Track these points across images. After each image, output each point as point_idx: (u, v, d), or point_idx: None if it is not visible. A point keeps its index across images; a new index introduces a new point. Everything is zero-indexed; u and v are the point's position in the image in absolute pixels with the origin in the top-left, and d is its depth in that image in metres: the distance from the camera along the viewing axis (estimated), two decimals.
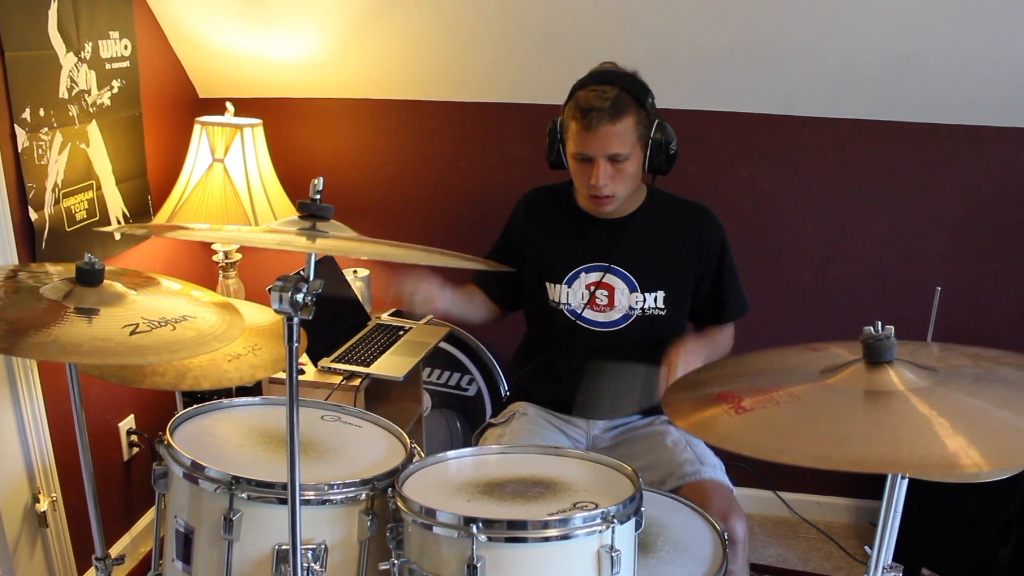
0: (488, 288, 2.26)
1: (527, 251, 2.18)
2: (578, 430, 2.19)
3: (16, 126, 2.12)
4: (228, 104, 2.76)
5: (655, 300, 2.10)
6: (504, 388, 3.07)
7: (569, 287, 2.11)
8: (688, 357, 1.92)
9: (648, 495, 1.77)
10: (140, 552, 2.77)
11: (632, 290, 2.09)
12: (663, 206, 2.13)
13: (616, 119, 1.92)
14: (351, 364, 2.56)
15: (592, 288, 2.10)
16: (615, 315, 2.10)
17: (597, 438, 2.17)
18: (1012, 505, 2.50)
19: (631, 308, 2.10)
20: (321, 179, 1.35)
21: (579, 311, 2.11)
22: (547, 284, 2.14)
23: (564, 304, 2.12)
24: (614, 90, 1.93)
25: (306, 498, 1.51)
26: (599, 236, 2.10)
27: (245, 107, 2.84)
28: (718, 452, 2.06)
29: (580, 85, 1.98)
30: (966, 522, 2.61)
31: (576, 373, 2.14)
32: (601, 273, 2.10)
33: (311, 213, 1.34)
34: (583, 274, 2.10)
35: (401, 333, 2.78)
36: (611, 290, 2.10)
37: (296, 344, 1.30)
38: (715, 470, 2.02)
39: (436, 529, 1.41)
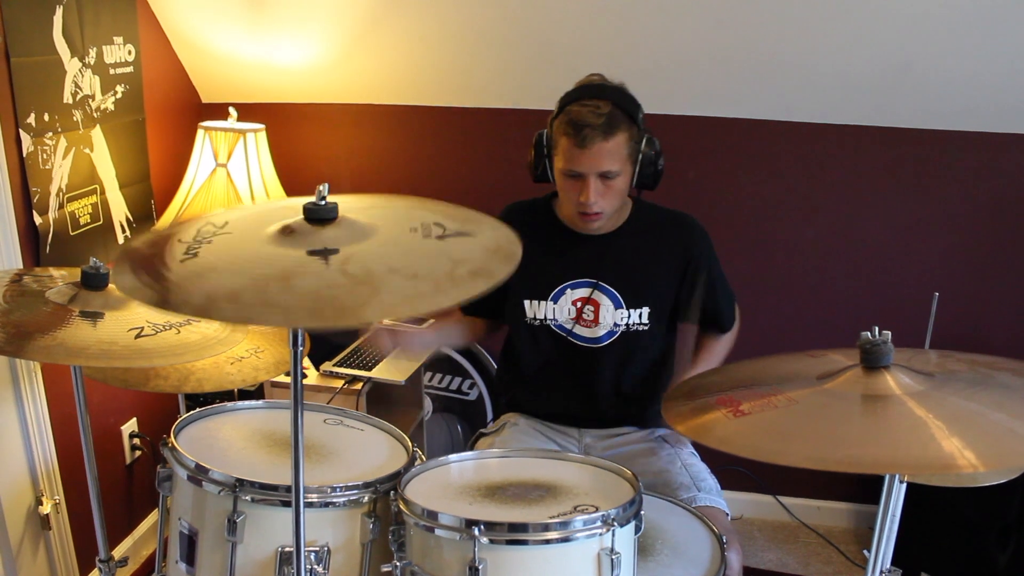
0: (476, 311, 2.24)
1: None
2: (570, 440, 2.18)
3: (21, 131, 2.13)
4: (231, 109, 2.78)
5: (640, 316, 2.06)
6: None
7: (555, 303, 2.08)
8: None
9: (647, 499, 1.77)
10: (142, 555, 2.78)
11: (618, 307, 2.06)
12: (648, 220, 2.09)
13: (610, 136, 1.89)
14: (353, 368, 2.58)
15: (579, 304, 2.07)
16: (600, 331, 2.07)
17: (589, 447, 2.16)
18: (1011, 510, 2.51)
19: (616, 325, 2.07)
20: (326, 185, 1.36)
21: (567, 326, 2.08)
22: (525, 302, 2.10)
23: (551, 320, 2.09)
24: (607, 106, 1.90)
25: (309, 500, 1.52)
26: (585, 251, 2.07)
27: (248, 112, 2.85)
28: (718, 458, 2.06)
29: (571, 99, 1.94)
30: (965, 527, 2.62)
31: (564, 390, 2.14)
32: (589, 289, 2.06)
33: (316, 217, 1.35)
34: (569, 290, 2.07)
35: None
36: (597, 306, 2.07)
37: (301, 348, 1.31)
38: (711, 495, 1.98)
39: (438, 531, 1.42)
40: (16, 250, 2.15)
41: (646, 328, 2.07)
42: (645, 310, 2.06)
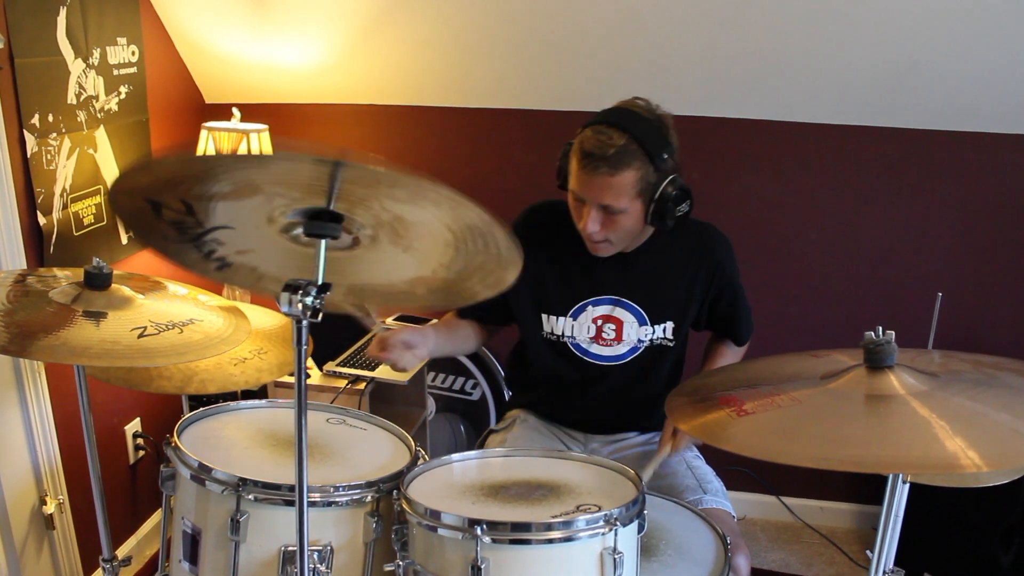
0: (475, 316, 2.17)
1: (525, 274, 2.07)
2: (575, 443, 2.18)
3: (25, 132, 2.14)
4: (234, 110, 2.79)
5: (664, 331, 2.02)
6: (507, 392, 3.08)
7: (575, 320, 2.03)
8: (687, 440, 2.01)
9: (651, 499, 1.77)
10: (146, 554, 2.78)
11: (642, 323, 2.01)
12: (672, 232, 1.98)
13: (616, 171, 1.77)
14: (356, 368, 2.58)
15: (599, 322, 2.03)
16: (622, 348, 2.03)
17: (594, 451, 2.15)
18: (1014, 511, 2.51)
19: (639, 341, 2.03)
20: None
21: (584, 346, 2.04)
22: (543, 315, 2.05)
23: (568, 337, 2.04)
24: (623, 138, 1.77)
25: (312, 500, 1.52)
26: (608, 268, 1.99)
27: (251, 113, 2.86)
28: (721, 458, 2.05)
29: (595, 121, 1.82)
30: (968, 527, 2.62)
31: (576, 397, 2.13)
32: (611, 307, 2.01)
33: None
34: (590, 307, 2.02)
35: None
36: (619, 324, 2.02)
37: (305, 347, 1.31)
38: (717, 497, 1.97)
39: (441, 531, 1.42)
40: (20, 250, 2.15)
41: (671, 344, 2.04)
42: (669, 325, 2.02)
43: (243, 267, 1.47)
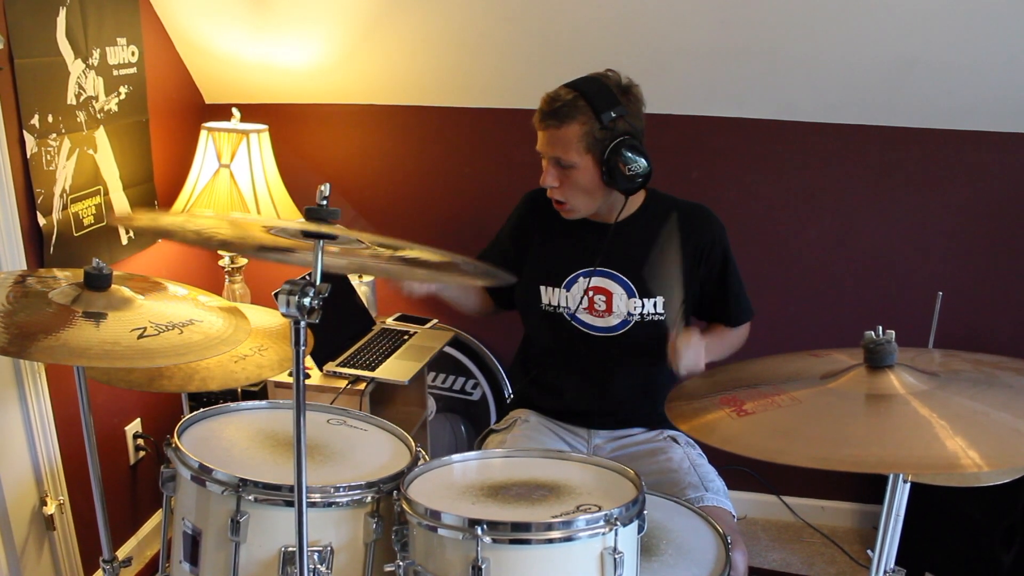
0: (489, 290, 2.26)
1: (526, 251, 2.16)
2: (579, 439, 2.19)
3: (25, 132, 2.14)
4: (234, 110, 2.79)
5: (654, 306, 2.06)
6: (508, 392, 3.08)
7: (568, 291, 2.08)
8: (693, 349, 1.90)
9: (652, 499, 1.77)
10: (146, 555, 2.78)
11: (630, 295, 2.06)
12: (662, 209, 2.08)
13: (561, 123, 1.90)
14: (356, 368, 2.58)
15: (591, 293, 2.07)
16: (613, 320, 2.07)
17: (598, 448, 2.16)
18: (1015, 510, 2.51)
19: (629, 314, 2.06)
20: (328, 185, 1.36)
21: (579, 315, 2.08)
22: (541, 288, 2.11)
23: (564, 308, 2.09)
24: (571, 94, 1.91)
25: (312, 500, 1.52)
26: (596, 240, 2.06)
27: (251, 113, 2.86)
28: (721, 458, 2.05)
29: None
30: (969, 527, 2.62)
31: (578, 383, 2.14)
32: (599, 278, 2.07)
33: (318, 218, 1.35)
34: (581, 278, 2.07)
35: (406, 338, 2.80)
36: (609, 295, 2.07)
37: (303, 347, 1.31)
38: (718, 496, 1.98)
39: (441, 531, 1.42)
40: (20, 251, 2.15)
41: (662, 319, 2.07)
42: (659, 299, 2.06)
43: None
